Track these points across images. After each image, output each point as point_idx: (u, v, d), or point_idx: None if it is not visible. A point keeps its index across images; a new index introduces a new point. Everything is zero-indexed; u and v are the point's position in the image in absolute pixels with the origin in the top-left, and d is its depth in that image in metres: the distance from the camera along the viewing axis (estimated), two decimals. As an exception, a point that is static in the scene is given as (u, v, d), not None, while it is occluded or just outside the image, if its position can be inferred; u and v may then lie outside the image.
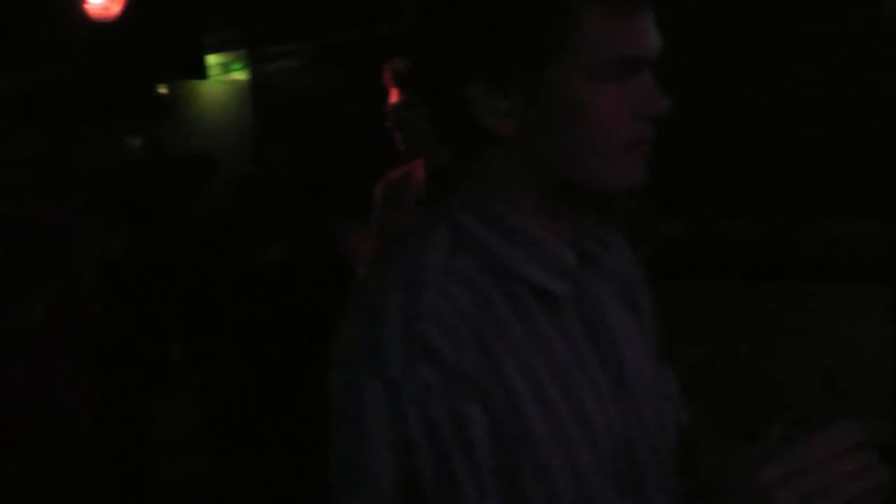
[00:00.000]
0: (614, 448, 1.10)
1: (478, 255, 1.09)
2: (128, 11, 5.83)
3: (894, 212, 4.58)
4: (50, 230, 3.19)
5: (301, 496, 4.86)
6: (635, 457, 1.13)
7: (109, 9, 5.75)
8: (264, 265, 4.43)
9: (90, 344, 3.37)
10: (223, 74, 7.74)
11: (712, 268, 4.89)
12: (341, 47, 6.99)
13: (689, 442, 1.28)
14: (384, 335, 1.01)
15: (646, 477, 1.14)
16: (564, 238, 1.14)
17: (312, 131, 7.06)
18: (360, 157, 6.07)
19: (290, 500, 4.89)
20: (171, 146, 7.44)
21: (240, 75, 7.70)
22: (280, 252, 4.67)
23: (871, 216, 4.67)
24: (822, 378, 4.41)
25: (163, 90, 8.01)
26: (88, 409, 3.23)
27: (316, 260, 4.43)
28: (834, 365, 4.41)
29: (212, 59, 7.55)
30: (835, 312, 4.57)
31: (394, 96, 3.01)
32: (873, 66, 4.66)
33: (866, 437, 0.93)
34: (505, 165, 1.11)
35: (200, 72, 7.41)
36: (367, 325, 1.04)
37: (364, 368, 1.01)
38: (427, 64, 1.13)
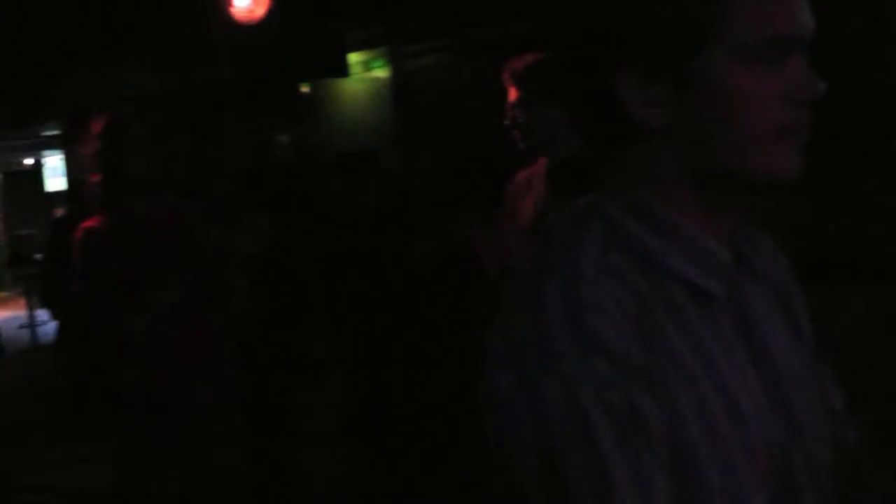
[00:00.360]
0: (768, 455, 1.05)
1: (630, 251, 1.06)
2: (271, 13, 5.96)
3: None
4: (194, 222, 3.27)
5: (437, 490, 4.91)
6: (790, 467, 1.08)
7: (254, 11, 5.89)
8: (419, 262, 4.47)
9: (234, 335, 3.45)
10: (364, 72, 7.82)
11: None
12: (484, 44, 6.96)
13: (852, 462, 1.23)
14: (551, 330, 0.98)
15: (800, 488, 1.09)
16: (718, 236, 1.09)
17: (453, 129, 7.07)
18: (498, 155, 6.04)
19: (427, 494, 4.94)
20: (317, 144, 7.58)
21: (381, 73, 7.76)
22: (433, 249, 4.71)
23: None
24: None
25: (305, 89, 8.16)
26: (233, 399, 3.29)
27: (463, 260, 4.45)
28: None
29: (353, 57, 7.63)
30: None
31: (512, 95, 3.03)
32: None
33: None
34: (654, 156, 1.08)
35: (342, 70, 7.50)
36: (530, 321, 1.00)
37: (535, 366, 0.97)
38: (575, 56, 1.11)
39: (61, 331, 7.80)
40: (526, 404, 0.97)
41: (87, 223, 3.21)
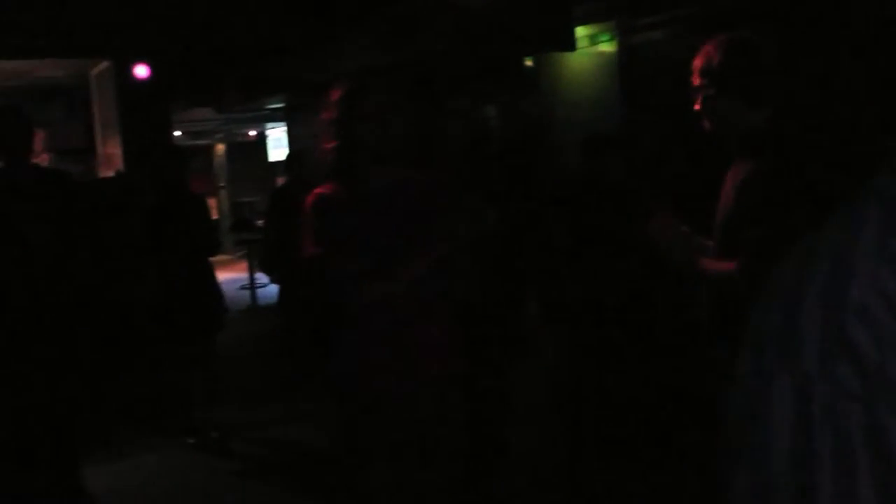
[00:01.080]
0: None
1: None
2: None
3: None
4: (428, 193, 3.22)
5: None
6: None
7: (488, -17, 5.80)
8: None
9: (458, 309, 3.41)
10: (590, 46, 7.65)
11: None
12: (716, 17, 6.67)
13: None
14: (801, 324, 0.92)
15: None
16: None
17: (682, 107, 6.81)
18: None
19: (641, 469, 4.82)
20: (539, 118, 7.50)
21: (607, 47, 7.57)
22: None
23: None
24: None
25: (528, 63, 8.06)
26: (455, 374, 3.25)
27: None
28: None
29: (579, 31, 7.47)
30: None
31: (695, 80, 2.86)
32: None
33: None
34: None
35: (570, 43, 7.35)
36: (784, 310, 0.95)
37: (776, 357, 0.93)
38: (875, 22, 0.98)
39: (283, 293, 8.05)
40: (754, 393, 0.94)
41: (321, 189, 3.22)
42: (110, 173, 8.73)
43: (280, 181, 10.47)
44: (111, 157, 9.02)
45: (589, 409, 4.91)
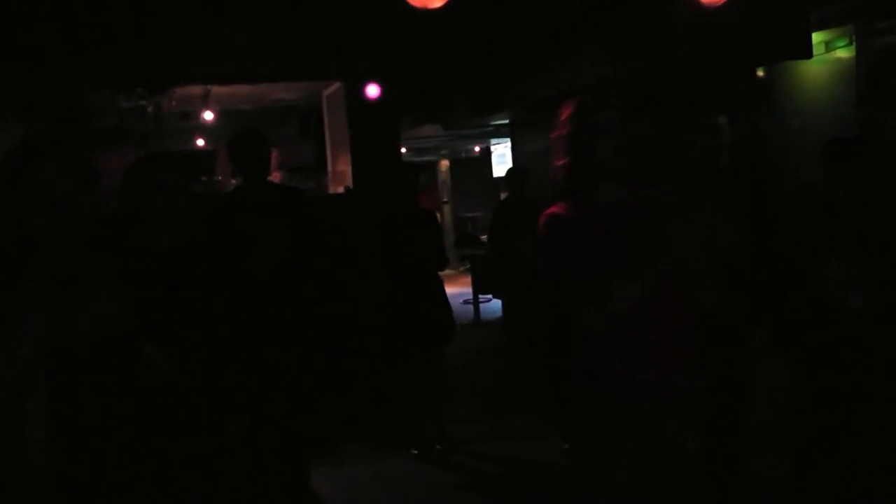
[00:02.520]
0: None
1: None
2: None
3: None
4: (662, 210, 3.15)
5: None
6: None
7: (720, -8, 5.65)
8: None
9: (701, 328, 3.30)
10: (826, 53, 7.30)
11: None
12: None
13: None
14: None
15: None
16: None
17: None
18: None
19: None
20: (772, 130, 7.23)
21: (845, 53, 7.20)
22: None
23: None
24: None
25: (760, 73, 7.78)
26: (693, 386, 3.16)
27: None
28: None
29: (816, 37, 7.14)
30: None
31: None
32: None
33: None
34: None
35: (806, 51, 7.04)
36: None
37: None
38: None
39: (507, 310, 8.10)
40: None
41: (553, 209, 3.20)
42: (340, 189, 9.05)
43: (503, 196, 10.57)
44: (341, 174, 9.36)
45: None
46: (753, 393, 4.96)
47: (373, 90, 8.46)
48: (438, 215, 19.35)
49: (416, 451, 6.47)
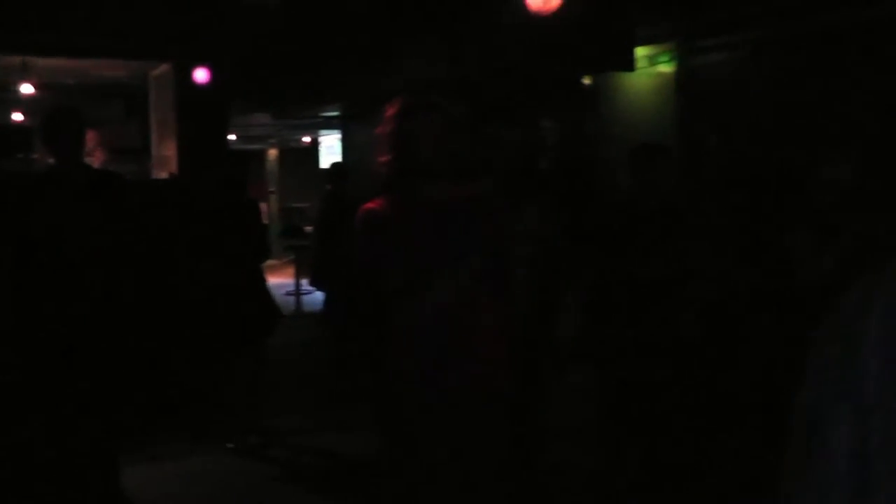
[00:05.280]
0: None
1: None
2: (564, 5, 5.86)
3: None
4: (479, 208, 3.22)
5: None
6: None
7: (549, 2, 5.79)
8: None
9: (510, 319, 3.39)
10: (649, 67, 7.61)
11: None
12: (776, 41, 6.64)
13: None
14: (862, 356, 0.97)
15: None
16: None
17: (739, 129, 6.79)
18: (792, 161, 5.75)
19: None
20: (595, 137, 7.47)
21: (666, 68, 7.53)
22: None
23: None
24: None
25: (587, 81, 8.02)
26: (505, 377, 3.23)
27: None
28: None
29: (639, 52, 7.44)
30: None
31: None
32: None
33: None
34: None
35: (629, 64, 7.33)
36: (844, 341, 1.00)
37: (836, 387, 0.98)
38: None
39: (328, 303, 8.05)
40: (815, 423, 0.99)
41: (371, 204, 3.21)
42: (164, 175, 8.80)
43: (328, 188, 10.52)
44: (166, 158, 9.10)
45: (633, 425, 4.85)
46: (561, 386, 5.14)
47: (201, 74, 8.25)
48: (265, 205, 19.08)
49: (231, 445, 6.37)
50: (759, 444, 4.21)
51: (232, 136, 15.28)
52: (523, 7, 5.93)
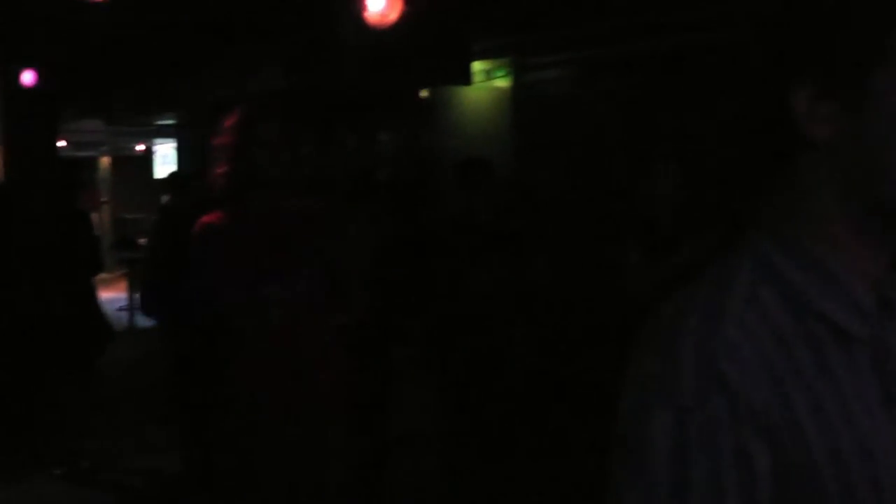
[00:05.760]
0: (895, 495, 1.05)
1: (776, 286, 1.08)
2: (402, 18, 5.91)
3: None
4: (314, 220, 3.22)
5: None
6: None
7: (387, 15, 5.84)
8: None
9: (351, 327, 3.40)
10: (486, 81, 7.75)
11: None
12: (609, 59, 6.88)
13: None
14: (679, 363, 1.02)
15: None
16: (866, 278, 1.10)
17: (573, 143, 6.99)
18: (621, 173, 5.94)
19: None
20: (432, 149, 7.54)
21: (502, 82, 7.68)
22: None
23: None
24: None
25: (424, 94, 8.10)
26: (343, 390, 3.23)
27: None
28: None
29: (476, 66, 7.57)
30: None
31: None
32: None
33: None
34: (814, 180, 1.09)
35: (465, 78, 7.44)
36: (662, 350, 1.05)
37: (655, 395, 1.02)
38: (752, 70, 1.13)
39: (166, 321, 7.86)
40: (636, 429, 1.03)
41: (208, 218, 3.17)
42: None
43: (165, 199, 10.26)
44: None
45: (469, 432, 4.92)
46: (401, 400, 5.16)
47: (28, 77, 7.95)
48: (97, 216, 18.46)
49: (59, 472, 6.08)
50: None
51: (62, 143, 14.73)
52: (361, 19, 5.96)
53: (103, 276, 14.97)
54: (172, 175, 8.52)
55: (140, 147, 19.48)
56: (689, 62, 5.94)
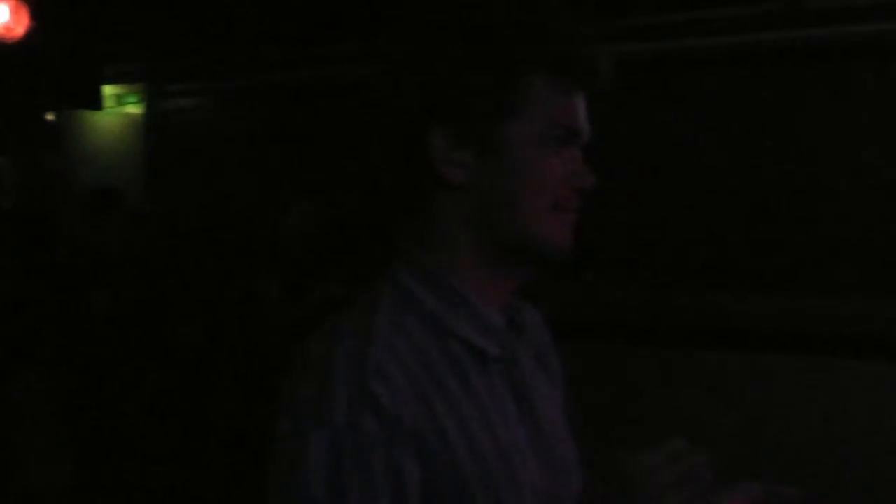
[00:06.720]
0: (534, 494, 1.19)
1: (418, 313, 1.18)
2: (30, 34, 5.60)
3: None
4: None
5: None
6: None
7: (13, 29, 5.50)
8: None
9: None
10: (117, 106, 7.49)
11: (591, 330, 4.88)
12: (245, 91, 6.92)
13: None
14: (332, 386, 1.07)
15: None
16: (495, 303, 1.24)
17: (208, 173, 6.93)
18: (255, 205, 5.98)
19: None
20: (60, 175, 7.17)
21: (135, 109, 7.45)
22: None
23: (750, 287, 4.83)
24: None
25: (50, 117, 7.67)
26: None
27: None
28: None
29: (108, 90, 7.30)
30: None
31: None
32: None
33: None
34: (449, 217, 1.20)
35: (96, 102, 7.15)
36: (316, 376, 1.10)
37: (311, 417, 1.07)
38: (392, 110, 1.22)
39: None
40: (294, 450, 1.07)
41: None
42: None
43: None
44: None
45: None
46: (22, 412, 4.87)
47: None
48: None
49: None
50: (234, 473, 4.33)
51: None
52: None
53: None
54: None
55: None
56: (327, 96, 6.10)
